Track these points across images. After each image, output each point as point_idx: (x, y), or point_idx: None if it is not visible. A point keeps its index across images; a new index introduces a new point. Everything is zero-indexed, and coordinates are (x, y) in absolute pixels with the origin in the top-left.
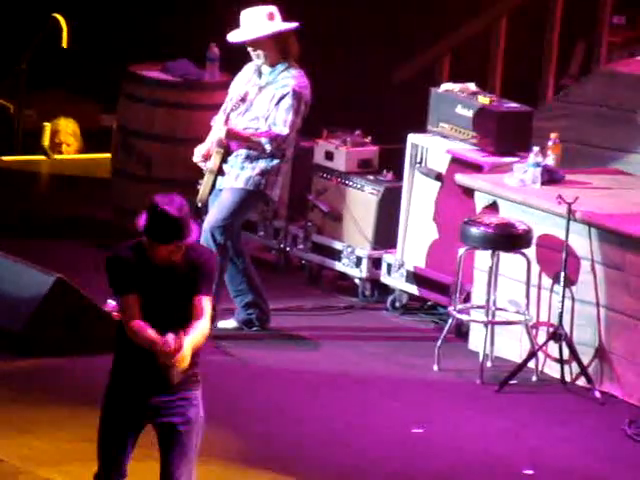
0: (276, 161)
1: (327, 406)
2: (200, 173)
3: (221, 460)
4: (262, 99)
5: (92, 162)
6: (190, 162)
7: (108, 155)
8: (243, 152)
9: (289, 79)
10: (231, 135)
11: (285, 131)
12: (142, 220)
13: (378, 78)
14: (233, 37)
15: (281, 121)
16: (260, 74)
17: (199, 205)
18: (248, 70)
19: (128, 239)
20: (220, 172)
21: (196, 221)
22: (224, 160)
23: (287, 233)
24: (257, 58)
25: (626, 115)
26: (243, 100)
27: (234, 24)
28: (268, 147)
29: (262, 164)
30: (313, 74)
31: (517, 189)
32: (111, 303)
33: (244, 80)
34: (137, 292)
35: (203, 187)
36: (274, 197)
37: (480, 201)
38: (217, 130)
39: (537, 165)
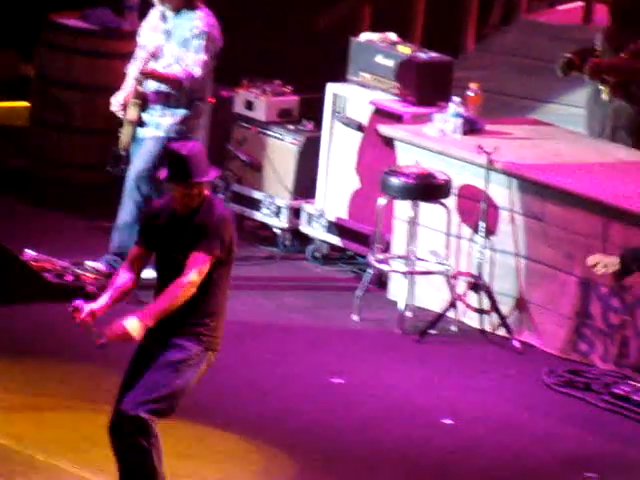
0: (195, 104)
1: (247, 356)
2: (120, 122)
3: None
4: (172, 44)
5: (10, 111)
6: (109, 111)
7: (27, 104)
8: (161, 104)
9: (196, 20)
10: (149, 75)
11: (198, 71)
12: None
13: (298, 27)
14: None
15: (193, 61)
16: (165, 18)
17: (122, 153)
18: (153, 16)
19: (45, 187)
20: (139, 122)
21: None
22: (142, 110)
23: None
24: (159, 3)
25: (546, 65)
26: (154, 56)
27: None
28: (186, 83)
29: (182, 111)
30: (233, 23)
31: (437, 139)
32: (29, 253)
33: (150, 27)
34: (145, 245)
35: (123, 137)
36: (199, 140)
37: (403, 152)
38: (132, 80)
39: (457, 115)
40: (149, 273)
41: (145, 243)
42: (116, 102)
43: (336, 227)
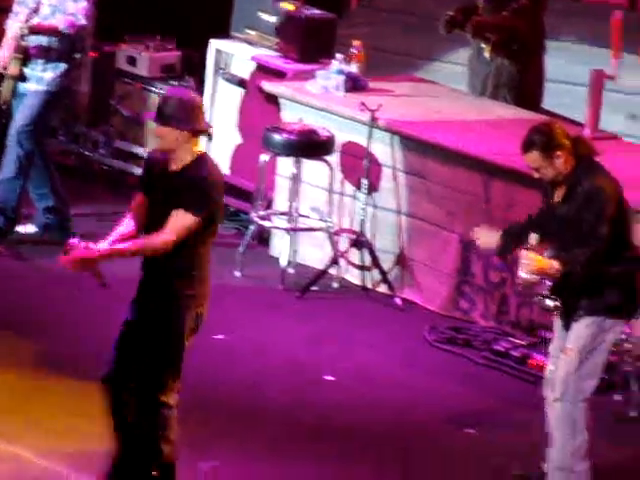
0: (76, 56)
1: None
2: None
3: (17, 368)
4: None
5: None
6: None
7: None
8: (42, 58)
9: None
10: (34, 30)
11: (81, 18)
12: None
13: None
14: None
15: (75, 9)
16: None
17: (3, 107)
18: None
19: None
20: (21, 77)
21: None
22: (24, 64)
23: (88, 138)
24: None
25: (428, 23)
26: (36, 11)
27: None
28: (71, 31)
29: (63, 64)
30: None
31: (320, 96)
32: None
33: None
34: (145, 191)
35: (4, 91)
36: (80, 95)
37: (286, 109)
38: (12, 35)
39: (340, 72)
40: (29, 228)
41: (144, 189)
42: None
43: None
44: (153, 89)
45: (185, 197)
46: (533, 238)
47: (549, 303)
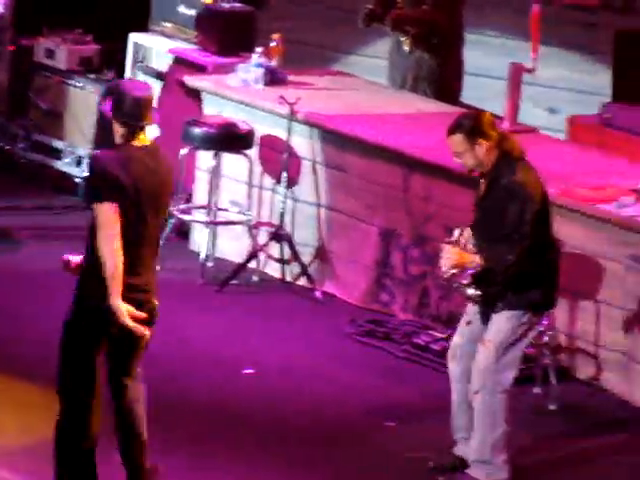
0: None
1: (53, 306)
2: None
3: None
4: None
5: None
6: None
7: None
8: None
9: None
10: None
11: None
12: None
13: None
14: None
15: None
16: None
17: None
18: None
19: None
20: None
21: None
22: None
23: (7, 131)
24: None
25: (348, 16)
26: None
27: None
28: None
29: None
30: None
31: (240, 89)
32: None
33: None
34: None
35: None
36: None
37: (207, 103)
38: None
39: (260, 65)
40: None
41: None
42: None
43: None
44: (71, 82)
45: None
46: (456, 232)
47: (470, 292)
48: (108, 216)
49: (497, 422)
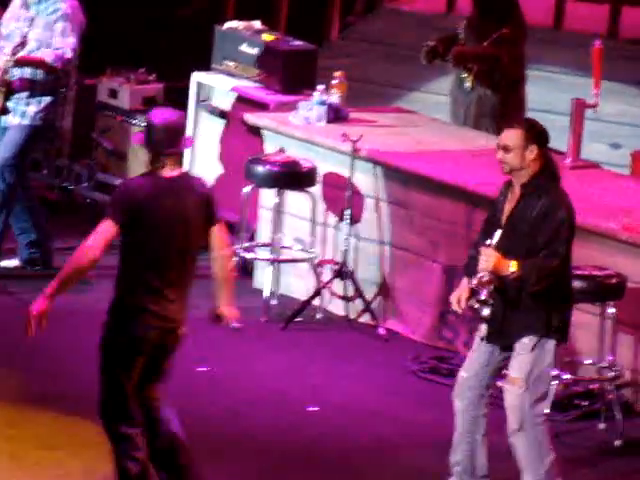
0: (60, 91)
1: None
2: None
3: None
4: (36, 30)
5: None
6: None
7: None
8: (26, 92)
9: (59, 3)
10: (22, 62)
11: (69, 52)
12: None
13: (163, 15)
14: None
15: (62, 44)
16: (28, 6)
17: None
18: (14, 5)
19: None
20: (4, 111)
21: None
22: (7, 98)
23: (71, 171)
24: None
25: (410, 53)
26: (22, 45)
27: None
28: (58, 65)
29: (47, 98)
30: (96, 10)
31: (302, 127)
32: None
33: (13, 16)
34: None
35: None
36: (63, 129)
37: (269, 140)
38: None
39: (322, 103)
40: (12, 262)
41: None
42: None
43: None
44: (135, 122)
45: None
46: (496, 235)
47: (486, 312)
48: (101, 229)
49: (543, 453)
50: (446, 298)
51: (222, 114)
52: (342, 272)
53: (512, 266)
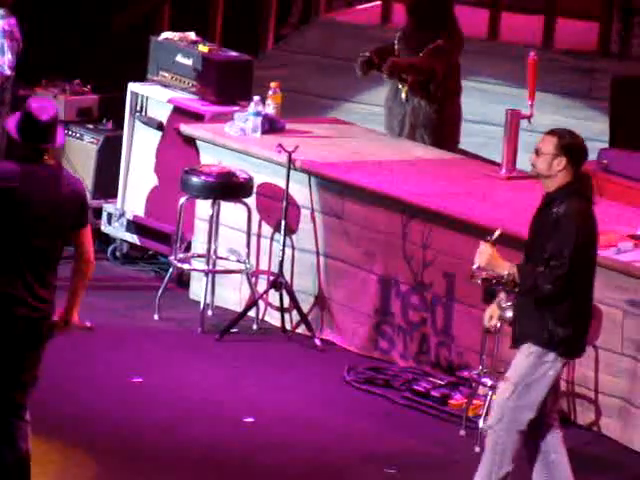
0: None
1: (47, 356)
2: None
3: None
4: None
5: None
6: None
7: None
8: None
9: None
10: None
11: (6, 70)
12: None
13: (98, 26)
14: None
15: (1, 62)
16: None
17: None
18: None
19: None
20: None
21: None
22: None
23: None
24: None
25: (344, 64)
26: None
27: None
28: None
29: None
30: (31, 22)
31: (238, 138)
32: None
33: None
34: None
35: None
36: None
37: (205, 151)
38: None
39: (257, 114)
40: None
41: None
42: None
43: (137, 227)
44: (70, 133)
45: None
46: (497, 232)
47: (509, 315)
48: None
49: (505, 461)
50: (382, 308)
51: (158, 125)
52: (278, 283)
53: (510, 267)
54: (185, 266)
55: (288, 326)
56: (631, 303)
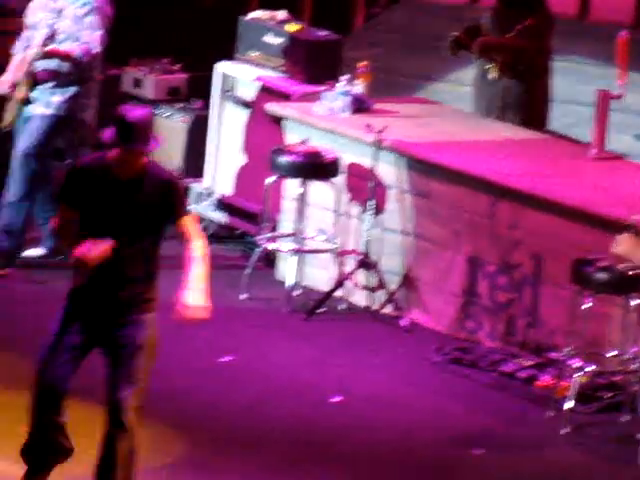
0: (85, 82)
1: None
2: (4, 100)
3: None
4: (65, 22)
5: None
6: None
7: None
8: (51, 82)
9: None
10: (50, 54)
11: (96, 46)
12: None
13: (187, 4)
14: None
15: (90, 38)
16: None
17: (6, 130)
18: None
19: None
20: (27, 100)
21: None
22: (31, 88)
23: None
24: None
25: (434, 44)
26: (51, 37)
27: None
28: (85, 59)
29: (72, 89)
30: (121, 1)
31: (326, 117)
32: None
33: (40, 5)
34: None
35: (8, 114)
36: (87, 119)
37: (291, 131)
38: (20, 59)
39: (346, 93)
40: (36, 251)
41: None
42: (5, 82)
43: (225, 206)
44: (159, 112)
45: (180, 203)
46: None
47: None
48: None
49: None
50: (469, 289)
51: (246, 104)
52: (365, 263)
53: None
54: (273, 245)
55: (375, 306)
56: None
